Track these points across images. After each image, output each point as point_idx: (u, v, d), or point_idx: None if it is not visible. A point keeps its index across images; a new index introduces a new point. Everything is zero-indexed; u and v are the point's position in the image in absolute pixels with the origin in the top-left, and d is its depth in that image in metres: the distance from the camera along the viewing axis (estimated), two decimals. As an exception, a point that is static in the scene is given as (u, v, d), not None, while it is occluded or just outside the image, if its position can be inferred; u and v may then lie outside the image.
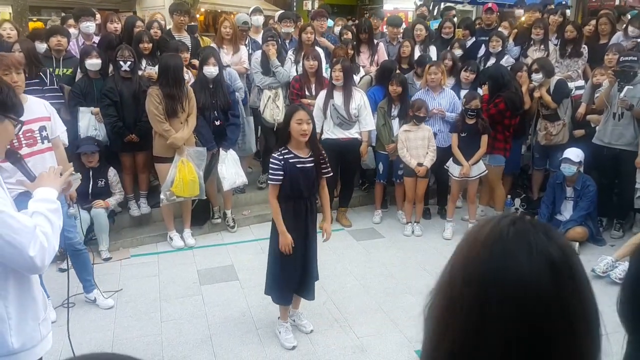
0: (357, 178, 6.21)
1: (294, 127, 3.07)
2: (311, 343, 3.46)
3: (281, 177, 3.13)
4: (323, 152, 3.30)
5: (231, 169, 4.98)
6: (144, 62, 5.11)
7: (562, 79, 5.55)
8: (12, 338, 1.85)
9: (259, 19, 6.31)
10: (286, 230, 3.20)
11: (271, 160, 3.15)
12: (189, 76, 5.14)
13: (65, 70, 4.98)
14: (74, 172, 2.34)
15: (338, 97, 5.05)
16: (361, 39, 6.10)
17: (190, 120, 4.69)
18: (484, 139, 5.05)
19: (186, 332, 3.59)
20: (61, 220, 1.96)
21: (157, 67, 4.83)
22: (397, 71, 5.44)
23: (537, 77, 5.39)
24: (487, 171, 5.19)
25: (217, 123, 4.97)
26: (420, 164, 5.09)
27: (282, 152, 3.13)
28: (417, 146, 5.11)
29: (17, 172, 3.38)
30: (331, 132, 5.10)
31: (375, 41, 6.22)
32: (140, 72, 4.94)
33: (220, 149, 4.97)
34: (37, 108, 3.47)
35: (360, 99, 5.07)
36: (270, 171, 3.15)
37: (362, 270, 4.48)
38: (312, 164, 3.18)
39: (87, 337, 3.54)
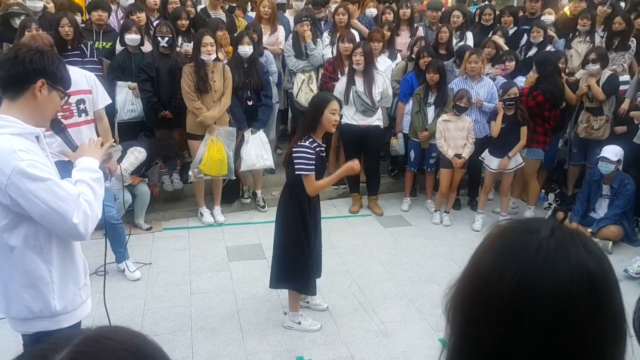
0: (388, 164, 6.22)
1: (328, 117, 3.06)
2: (335, 325, 3.53)
3: (314, 168, 3.07)
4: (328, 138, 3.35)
5: (253, 151, 4.97)
6: (180, 39, 5.18)
7: (614, 73, 5.39)
8: (54, 301, 1.96)
9: (299, 4, 6.11)
10: (337, 173, 3.23)
11: (303, 150, 3.03)
12: (223, 55, 5.19)
13: (104, 43, 5.09)
14: (114, 144, 2.41)
15: (360, 83, 5.00)
16: (401, 17, 6.00)
17: (223, 99, 4.75)
18: (524, 130, 4.96)
19: (214, 305, 3.69)
20: (103, 189, 2.05)
21: (192, 43, 4.89)
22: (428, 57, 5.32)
23: (594, 67, 5.23)
24: (523, 164, 5.11)
25: (250, 103, 5.01)
26: (458, 156, 5.04)
27: (310, 141, 3.07)
28: (455, 137, 5.07)
29: (56, 141, 3.53)
30: (351, 118, 5.07)
31: (415, 24, 6.12)
32: (177, 49, 5.01)
33: (248, 131, 5.01)
34: (78, 80, 3.52)
35: (382, 84, 5.02)
36: (303, 162, 3.03)
37: (388, 257, 4.51)
38: (324, 151, 3.22)
39: (118, 305, 3.68)
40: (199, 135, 4.77)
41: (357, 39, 5.45)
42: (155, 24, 5.09)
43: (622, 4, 7.11)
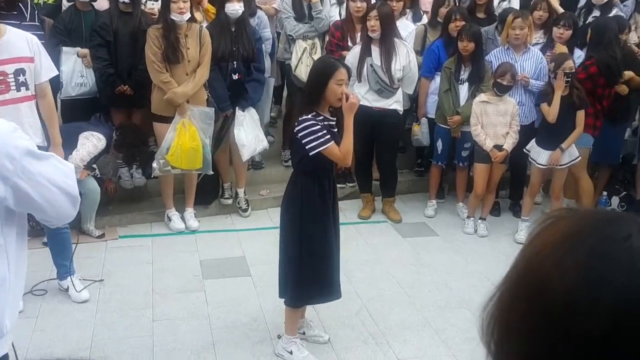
0: (411, 158, 6.17)
1: (333, 88, 3.09)
2: (339, 362, 3.46)
3: (330, 137, 3.10)
4: None
5: (250, 134, 4.99)
6: None
7: None
8: (5, 320, 1.86)
9: None
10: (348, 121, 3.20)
11: (306, 125, 3.07)
12: (201, 15, 5.12)
13: None
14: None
15: (376, 55, 4.95)
16: None
17: (199, 71, 4.71)
18: (580, 115, 4.89)
19: (183, 335, 3.64)
20: None
21: (160, 1, 4.83)
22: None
23: None
24: (579, 157, 5.04)
25: (236, 77, 4.96)
26: (498, 147, 4.97)
27: (313, 115, 3.13)
28: (495, 123, 5.01)
29: None
30: (363, 97, 4.99)
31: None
32: (142, 7, 4.95)
33: (237, 109, 4.97)
34: (18, 45, 3.46)
35: (406, 57, 4.96)
36: (312, 137, 3.06)
37: (407, 276, 4.47)
38: (337, 127, 3.25)
39: (60, 333, 3.63)
40: (167, 117, 4.72)
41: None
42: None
43: None
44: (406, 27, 5.46)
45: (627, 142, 5.97)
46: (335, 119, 3.24)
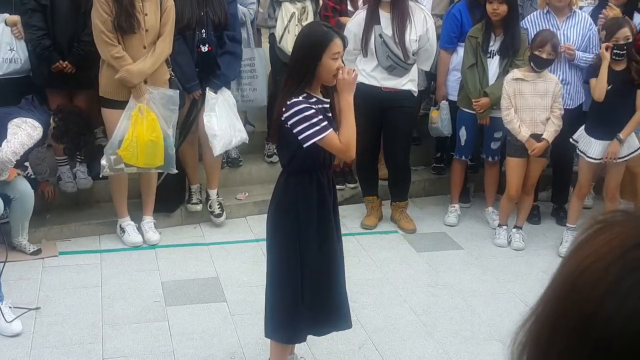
0: (433, 151, 6.18)
1: (328, 64, 3.11)
2: (338, 408, 3.48)
3: (327, 124, 3.11)
4: None
5: (224, 121, 4.99)
6: None
7: None
8: None
9: None
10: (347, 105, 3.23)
11: (297, 108, 3.07)
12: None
13: None
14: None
15: (386, 23, 4.98)
16: None
17: (160, 44, 4.72)
18: None
19: (141, 377, 3.63)
20: None
21: None
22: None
23: None
24: None
25: (205, 49, 4.97)
26: (536, 137, 5.01)
27: (304, 97, 3.13)
28: (533, 106, 5.04)
29: None
30: (369, 75, 5.04)
31: None
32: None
33: (207, 90, 4.98)
34: None
35: (423, 24, 4.98)
36: (306, 124, 3.06)
37: (423, 300, 4.48)
38: (332, 110, 3.27)
39: (-14, 375, 3.63)
40: (119, 102, 4.73)
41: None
42: None
43: None
44: None
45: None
46: (328, 100, 3.24)
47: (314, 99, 3.15)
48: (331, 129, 3.12)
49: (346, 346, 3.91)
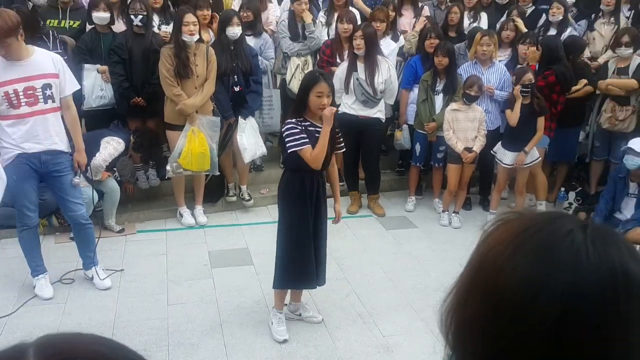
0: (393, 159, 6.18)
1: (313, 100, 3.09)
2: (331, 338, 3.47)
3: (307, 140, 3.09)
4: (337, 126, 3.32)
5: (251, 139, 4.99)
6: (156, 19, 5.09)
7: None
8: None
9: None
10: (325, 131, 3.14)
11: (287, 127, 3.10)
12: (209, 36, 5.11)
13: (71, 22, 5.00)
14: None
15: (362, 70, 4.94)
16: None
17: (207, 85, 4.69)
18: (541, 121, 4.93)
19: (195, 317, 3.63)
20: None
21: (171, 25, 4.83)
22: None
23: (626, 52, 5.22)
24: (540, 158, 5.08)
25: (237, 89, 4.95)
26: (468, 149, 5.00)
27: (299, 120, 3.14)
28: (465, 128, 5.02)
29: (19, 131, 3.45)
30: (350, 107, 5.01)
31: (420, 4, 6.07)
32: (154, 29, 4.94)
33: (239, 118, 4.96)
34: (44, 63, 3.49)
35: (387, 71, 4.93)
36: (291, 138, 3.07)
37: (390, 263, 4.46)
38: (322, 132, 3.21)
39: (86, 317, 3.62)
40: (178, 126, 4.71)
41: (358, 19, 5.38)
42: (128, 1, 4.99)
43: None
44: (388, 45, 5.46)
45: (581, 143, 6.00)
46: (321, 126, 3.19)
47: (307, 123, 3.14)
48: (308, 145, 3.09)
49: (337, 295, 3.92)
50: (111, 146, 4.46)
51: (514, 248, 0.68)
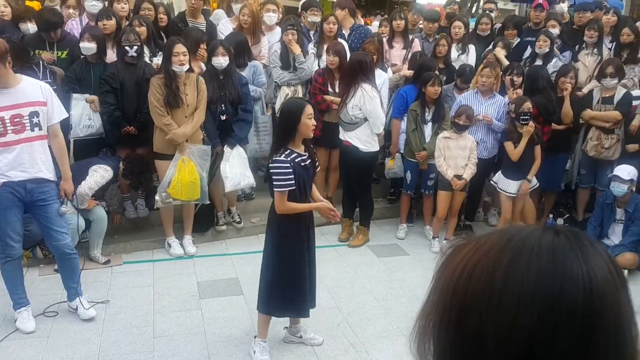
0: (388, 187, 6.13)
1: (306, 122, 3.10)
2: (323, 370, 3.33)
3: (293, 181, 3.09)
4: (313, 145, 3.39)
5: (236, 169, 4.87)
6: (146, 50, 5.05)
7: (629, 91, 5.43)
8: None
9: (271, 17, 5.79)
10: (315, 205, 3.28)
11: (277, 165, 3.08)
12: (199, 67, 5.09)
13: (59, 53, 4.97)
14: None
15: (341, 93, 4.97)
16: (395, 29, 6.00)
17: (196, 115, 4.64)
18: (538, 149, 4.98)
19: (181, 350, 3.48)
20: None
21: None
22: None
23: (611, 82, 5.28)
24: (538, 184, 5.10)
25: (223, 118, 4.90)
26: (458, 177, 4.96)
27: (286, 153, 3.11)
28: (456, 156, 5.00)
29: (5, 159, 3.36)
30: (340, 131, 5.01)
31: (410, 36, 6.12)
32: (146, 59, 4.91)
33: (225, 147, 4.89)
34: (32, 91, 3.44)
35: (360, 98, 4.75)
36: (278, 177, 3.08)
37: (383, 291, 4.37)
38: (309, 160, 3.23)
39: (69, 351, 3.46)
40: (168, 155, 4.63)
41: (347, 51, 5.40)
42: (121, 32, 4.98)
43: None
44: (379, 75, 5.35)
45: (568, 171, 6.00)
46: (307, 154, 3.21)
47: (294, 154, 3.11)
48: (287, 191, 3.09)
49: (329, 324, 3.81)
50: (98, 174, 4.37)
51: (464, 267, 0.68)
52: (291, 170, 3.07)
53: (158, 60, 5.00)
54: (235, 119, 4.94)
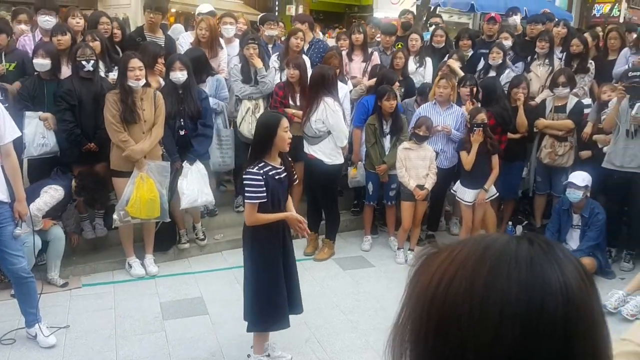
0: (352, 199, 6.14)
1: (282, 135, 3.13)
2: (293, 387, 3.29)
3: (265, 194, 3.09)
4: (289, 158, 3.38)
5: (194, 185, 4.78)
6: (101, 65, 4.95)
7: (580, 99, 5.63)
8: None
9: (229, 30, 5.86)
10: (283, 215, 3.25)
11: (249, 177, 3.10)
12: (158, 83, 5.01)
13: (7, 65, 4.82)
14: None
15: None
16: (354, 42, 6.06)
17: (155, 130, 4.55)
18: (495, 159, 5.07)
19: (146, 374, 3.37)
20: None
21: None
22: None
23: (564, 91, 5.45)
24: (497, 194, 5.20)
25: (182, 133, 4.83)
26: (420, 187, 5.02)
27: (260, 165, 3.11)
28: (417, 166, 5.06)
29: None
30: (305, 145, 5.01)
31: (370, 49, 6.20)
32: (102, 74, 4.80)
33: (185, 162, 4.82)
34: None
35: (323, 111, 4.80)
36: (250, 189, 3.09)
37: (349, 304, 4.35)
38: (285, 173, 3.24)
39: (27, 380, 3.30)
40: (126, 172, 4.51)
41: (309, 65, 5.42)
42: (75, 47, 4.86)
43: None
44: (341, 88, 5.40)
45: (525, 179, 6.17)
46: (282, 167, 3.21)
47: (268, 167, 3.11)
48: (258, 201, 3.08)
49: (297, 340, 3.76)
50: (48, 194, 4.22)
51: (441, 274, 0.68)
52: (263, 182, 3.07)
53: (114, 75, 4.90)
54: (194, 134, 4.88)
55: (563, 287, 0.63)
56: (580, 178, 4.90)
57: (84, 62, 4.52)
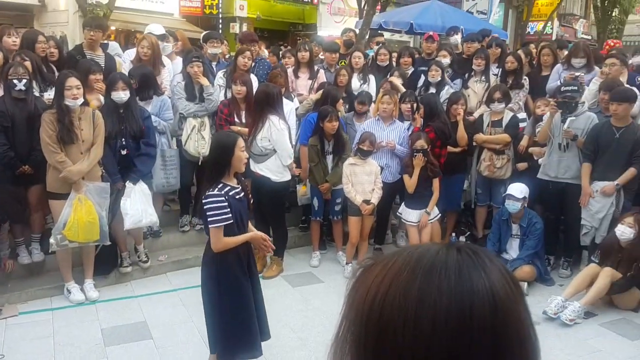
0: (300, 215, 6.13)
1: (239, 155, 3.09)
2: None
3: (230, 215, 3.03)
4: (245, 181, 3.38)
5: (137, 205, 4.67)
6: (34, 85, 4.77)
7: (515, 114, 5.87)
8: None
9: (166, 47, 5.87)
10: (248, 235, 3.20)
11: (211, 200, 3.00)
12: (98, 101, 4.87)
13: None
14: None
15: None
16: (300, 60, 6.12)
17: (93, 150, 4.42)
18: (436, 183, 5.23)
19: (86, 405, 3.22)
20: None
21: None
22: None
23: (499, 106, 5.67)
24: (439, 215, 5.33)
25: (124, 152, 4.71)
26: (366, 201, 5.07)
27: (219, 187, 3.05)
28: (363, 181, 5.12)
29: None
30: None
31: (316, 67, 6.26)
32: (36, 94, 4.62)
33: (127, 182, 4.69)
34: None
35: (268, 129, 4.84)
36: (213, 212, 3.00)
37: (299, 321, 4.33)
38: (243, 192, 3.20)
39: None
40: (63, 194, 4.34)
41: (255, 83, 5.42)
42: (7, 66, 4.66)
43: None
44: (286, 104, 5.40)
45: (466, 191, 6.36)
46: (239, 187, 3.16)
47: (227, 188, 3.06)
48: (224, 223, 3.01)
49: (245, 362, 3.69)
50: None
51: (377, 287, 0.69)
52: (227, 204, 3.01)
53: (49, 95, 4.73)
54: (137, 153, 4.77)
55: (489, 293, 0.65)
56: (518, 190, 5.09)
57: (15, 81, 4.34)
